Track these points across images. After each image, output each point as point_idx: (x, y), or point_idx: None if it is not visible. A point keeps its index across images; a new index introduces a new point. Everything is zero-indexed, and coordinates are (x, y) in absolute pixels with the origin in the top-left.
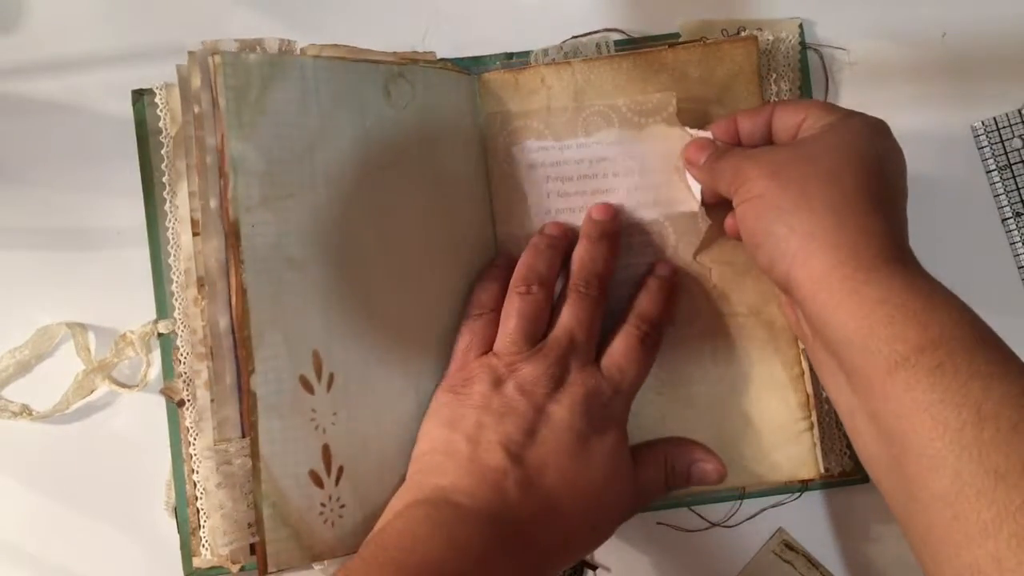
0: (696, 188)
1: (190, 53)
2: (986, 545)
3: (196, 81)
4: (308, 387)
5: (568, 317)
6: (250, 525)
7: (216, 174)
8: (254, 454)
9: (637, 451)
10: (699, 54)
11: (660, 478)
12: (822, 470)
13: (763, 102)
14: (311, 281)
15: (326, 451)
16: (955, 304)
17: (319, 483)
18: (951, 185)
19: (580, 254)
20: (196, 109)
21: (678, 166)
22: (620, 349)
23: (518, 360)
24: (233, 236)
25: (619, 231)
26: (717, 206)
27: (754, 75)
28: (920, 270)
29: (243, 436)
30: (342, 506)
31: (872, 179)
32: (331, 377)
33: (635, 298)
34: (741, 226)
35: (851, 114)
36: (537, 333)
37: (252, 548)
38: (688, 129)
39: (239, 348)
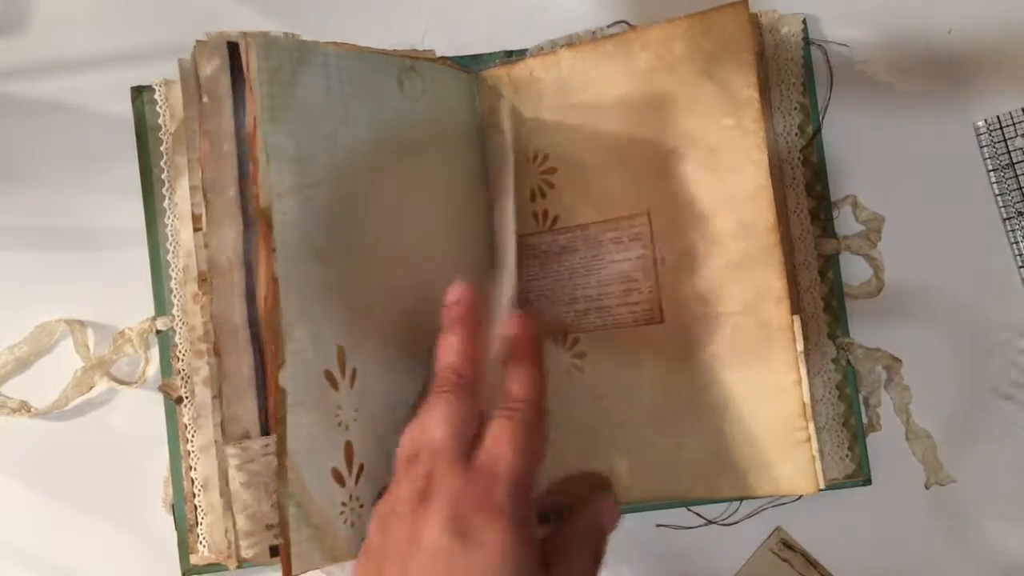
0: None
1: (198, 42)
2: None
3: (207, 69)
4: (333, 383)
5: (424, 418)
6: (270, 527)
7: (234, 162)
8: (280, 451)
9: (553, 542)
10: (684, 28)
11: (588, 558)
12: (822, 485)
13: (757, 76)
14: (334, 273)
15: (348, 449)
16: None
17: (341, 481)
18: (951, 184)
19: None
20: (205, 99)
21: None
22: (491, 435)
23: (390, 485)
24: (265, 224)
25: (472, 314)
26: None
27: (747, 43)
28: None
29: (262, 433)
30: (361, 506)
31: None
32: (354, 372)
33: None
34: None
35: None
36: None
37: (271, 550)
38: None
39: (268, 342)
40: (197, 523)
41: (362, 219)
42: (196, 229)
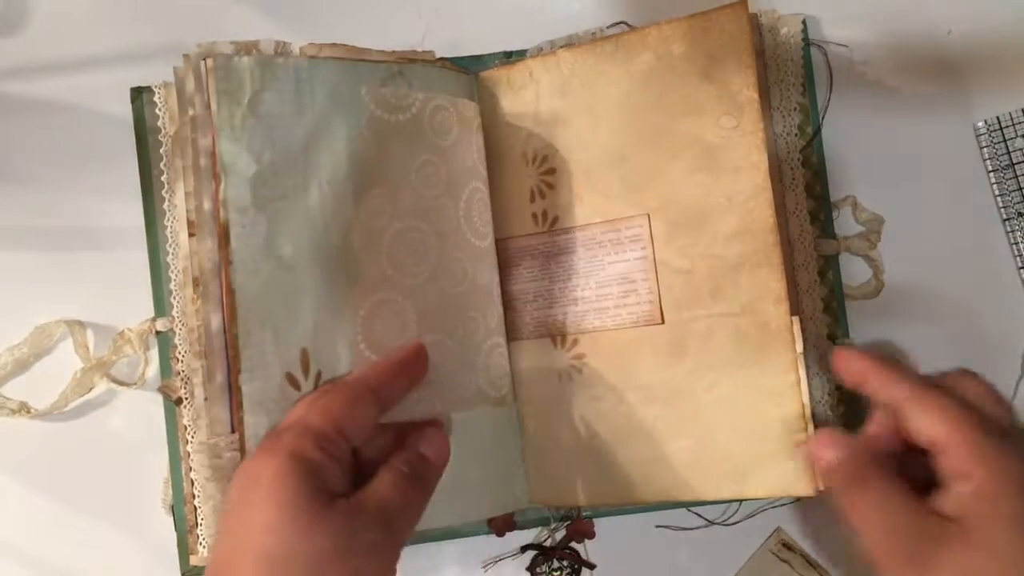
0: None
1: (185, 56)
2: None
3: (190, 84)
4: (295, 384)
5: None
6: None
7: (210, 176)
8: (241, 448)
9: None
10: (683, 28)
11: (392, 486)
12: (820, 487)
13: (756, 77)
14: (302, 281)
15: None
16: None
17: None
18: (952, 184)
19: None
20: (191, 111)
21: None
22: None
23: None
24: (223, 237)
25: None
26: None
27: (747, 44)
28: None
29: (232, 431)
30: None
31: None
32: (318, 375)
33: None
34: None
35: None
36: None
37: None
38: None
39: (229, 347)
40: (197, 524)
41: (336, 227)
42: (191, 234)
